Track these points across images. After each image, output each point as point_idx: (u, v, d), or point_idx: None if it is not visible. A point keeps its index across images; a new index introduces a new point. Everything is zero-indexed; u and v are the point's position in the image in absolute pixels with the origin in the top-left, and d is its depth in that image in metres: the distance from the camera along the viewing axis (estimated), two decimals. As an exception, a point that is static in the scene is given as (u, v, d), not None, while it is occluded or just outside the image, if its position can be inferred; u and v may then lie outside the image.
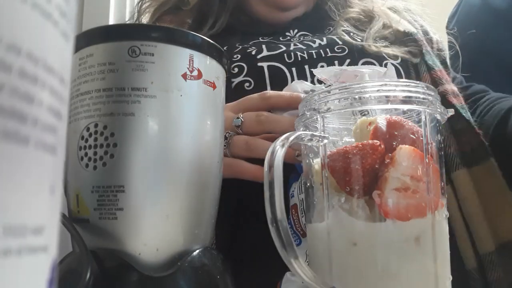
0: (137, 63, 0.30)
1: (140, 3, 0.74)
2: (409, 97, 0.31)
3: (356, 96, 0.31)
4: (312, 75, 0.57)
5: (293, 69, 0.57)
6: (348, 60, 0.57)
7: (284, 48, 0.61)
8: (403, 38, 0.63)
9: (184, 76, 0.31)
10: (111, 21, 0.98)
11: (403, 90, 0.31)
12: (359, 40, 0.61)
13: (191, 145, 0.32)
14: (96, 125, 0.30)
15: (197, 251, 0.31)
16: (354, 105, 0.31)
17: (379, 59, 0.58)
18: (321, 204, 0.31)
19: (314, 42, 0.62)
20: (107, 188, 0.29)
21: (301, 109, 0.34)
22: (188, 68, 0.32)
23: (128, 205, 0.29)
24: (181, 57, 0.32)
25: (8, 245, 0.09)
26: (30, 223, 0.09)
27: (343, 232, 0.30)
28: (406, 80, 0.32)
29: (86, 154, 0.30)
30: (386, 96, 0.30)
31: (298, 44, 0.62)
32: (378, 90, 0.31)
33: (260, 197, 0.28)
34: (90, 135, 0.30)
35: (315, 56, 0.59)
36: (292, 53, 0.59)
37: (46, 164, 0.10)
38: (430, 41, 0.65)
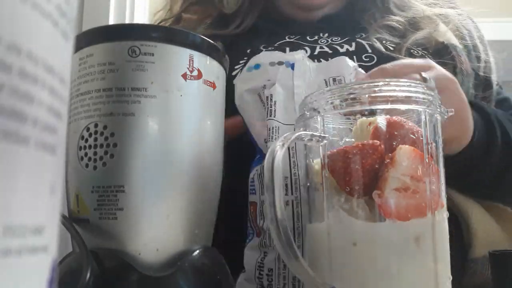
0: (137, 63, 0.30)
1: None
2: (409, 97, 0.31)
3: (356, 96, 0.31)
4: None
5: None
6: None
7: (309, 53, 0.59)
8: (439, 48, 0.59)
9: (184, 76, 0.31)
10: (111, 21, 0.98)
11: (403, 90, 0.31)
12: (392, 49, 0.58)
13: (191, 145, 0.32)
14: (96, 125, 0.30)
15: (197, 251, 0.31)
16: (354, 105, 0.31)
17: None
18: (321, 204, 0.31)
19: (342, 46, 0.60)
20: (107, 188, 0.29)
21: (301, 109, 0.34)
22: (188, 68, 0.32)
23: (128, 205, 0.29)
24: (181, 57, 0.32)
25: (8, 245, 0.09)
26: (30, 223, 0.09)
27: (343, 232, 0.30)
28: (407, 80, 0.32)
29: (86, 154, 0.30)
30: (387, 96, 0.30)
31: (324, 47, 0.60)
32: (378, 90, 0.31)
33: None
34: (90, 135, 0.30)
35: None
36: (315, 60, 0.57)
37: (46, 164, 0.10)
38: (477, 59, 0.61)
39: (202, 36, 0.34)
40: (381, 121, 0.31)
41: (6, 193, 0.09)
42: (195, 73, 0.32)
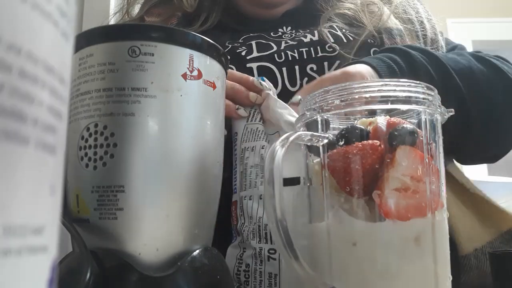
0: (137, 63, 0.30)
1: None
2: (409, 97, 0.31)
3: (356, 96, 0.31)
4: (302, 76, 0.56)
5: (284, 69, 0.57)
6: (337, 62, 0.55)
7: (275, 48, 0.59)
8: (381, 36, 0.61)
9: (184, 76, 0.31)
10: (111, 21, 0.98)
11: (403, 90, 0.31)
12: (351, 38, 0.59)
13: (191, 145, 0.32)
14: (96, 125, 0.30)
15: (197, 251, 0.31)
16: (354, 105, 0.31)
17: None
18: (321, 204, 0.31)
19: (305, 36, 0.61)
20: (107, 188, 0.29)
21: (301, 109, 0.34)
22: (188, 68, 0.32)
23: (128, 205, 0.29)
24: (181, 57, 0.32)
25: (8, 245, 0.09)
26: (30, 223, 0.09)
27: (343, 232, 0.30)
28: (407, 80, 0.32)
29: (86, 154, 0.30)
30: (387, 96, 0.30)
31: (289, 41, 0.61)
32: (378, 90, 0.31)
33: None
34: (90, 135, 0.30)
35: (305, 57, 0.58)
36: (282, 53, 0.58)
37: (46, 164, 0.10)
38: (423, 37, 0.63)
39: (202, 36, 0.34)
40: (381, 121, 0.31)
41: (6, 193, 0.09)
42: (195, 73, 0.32)
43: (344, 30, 0.61)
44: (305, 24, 0.64)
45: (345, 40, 0.59)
